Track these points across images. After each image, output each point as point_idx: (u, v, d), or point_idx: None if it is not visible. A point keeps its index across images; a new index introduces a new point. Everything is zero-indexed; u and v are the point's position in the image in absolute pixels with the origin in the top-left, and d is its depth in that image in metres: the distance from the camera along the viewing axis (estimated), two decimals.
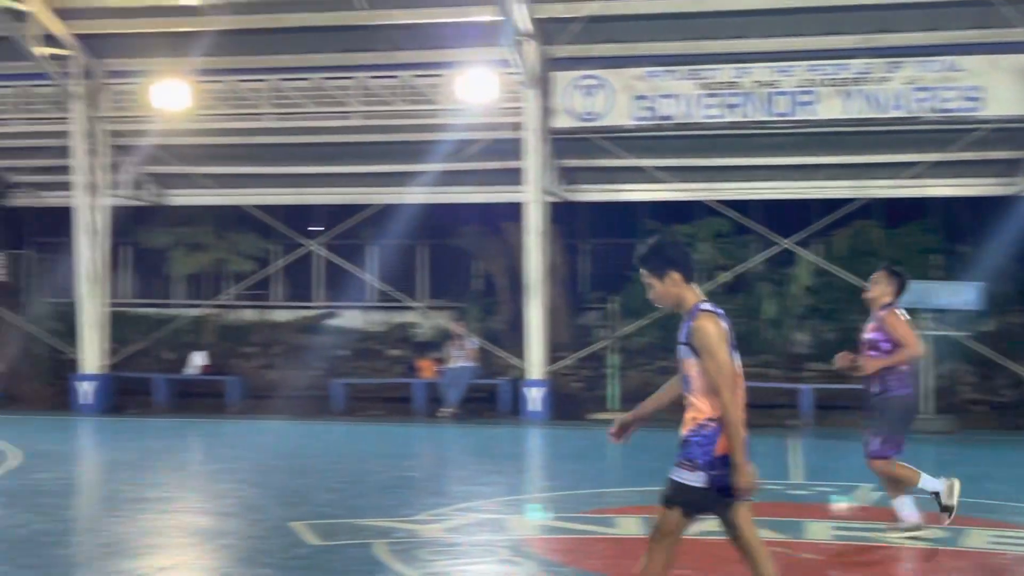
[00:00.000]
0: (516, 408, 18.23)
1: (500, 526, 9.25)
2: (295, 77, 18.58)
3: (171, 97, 18.00)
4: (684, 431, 5.37)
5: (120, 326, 20.29)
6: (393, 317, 22.13)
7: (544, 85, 17.70)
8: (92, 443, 16.02)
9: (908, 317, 8.40)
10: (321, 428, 17.19)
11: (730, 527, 5.45)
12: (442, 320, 20.68)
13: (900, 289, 8.32)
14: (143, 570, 7.77)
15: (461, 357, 18.78)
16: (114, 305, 20.28)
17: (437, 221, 21.24)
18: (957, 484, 8.00)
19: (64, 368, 20.12)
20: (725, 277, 19.10)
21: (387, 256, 21.92)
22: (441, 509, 9.65)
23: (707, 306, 5.39)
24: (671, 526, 5.37)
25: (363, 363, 21.06)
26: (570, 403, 18.64)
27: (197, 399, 19.70)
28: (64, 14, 17.59)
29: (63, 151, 18.88)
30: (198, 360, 20.24)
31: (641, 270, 5.51)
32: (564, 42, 17.54)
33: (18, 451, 13.63)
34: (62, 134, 18.84)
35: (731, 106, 17.23)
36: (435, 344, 20.31)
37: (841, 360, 8.47)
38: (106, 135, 18.98)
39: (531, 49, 17.32)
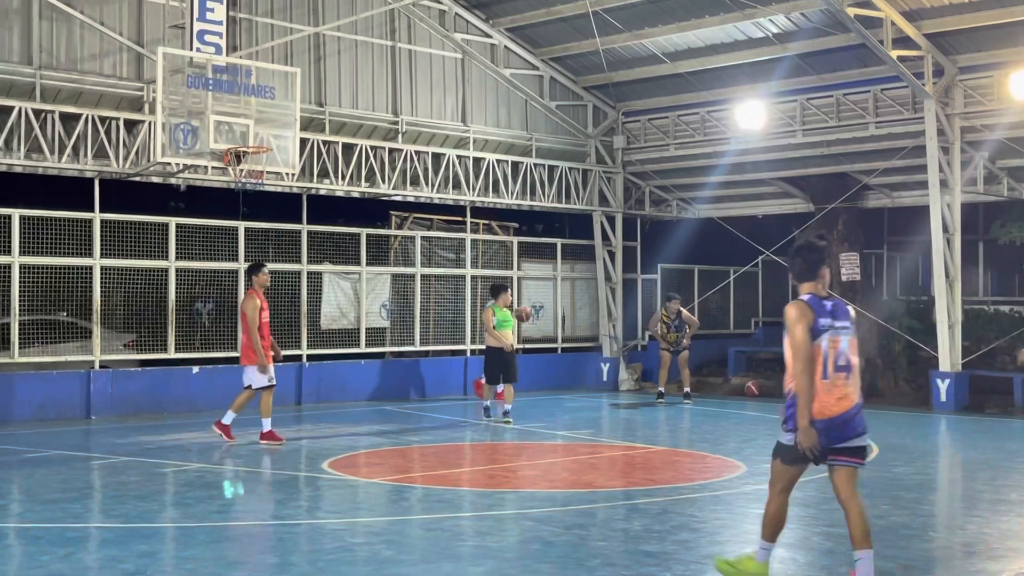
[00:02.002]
0: None
1: None
2: None
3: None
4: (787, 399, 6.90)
5: (975, 324, 19.95)
6: None
7: None
8: (948, 440, 15.96)
9: None
10: None
11: (833, 485, 6.91)
12: None
13: None
14: (1006, 574, 7.57)
15: None
16: (969, 303, 20.00)
17: None
18: None
19: (922, 365, 20.31)
20: None
21: None
22: None
23: (804, 297, 6.96)
24: (777, 475, 6.97)
25: None
26: None
27: None
28: (912, 16, 17.76)
29: (914, 151, 19.07)
30: None
31: None
32: None
33: (875, 444, 14.08)
34: (913, 134, 19.04)
35: None
36: None
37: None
38: (958, 132, 18.79)
39: None
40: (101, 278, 16.96)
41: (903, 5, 17.54)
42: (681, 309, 20.22)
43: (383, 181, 19.71)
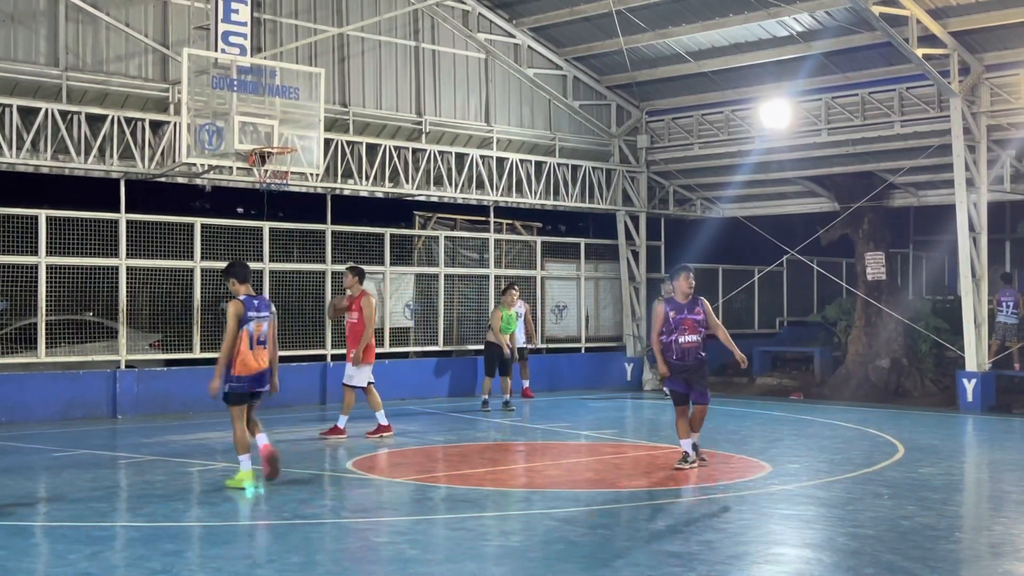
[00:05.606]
0: None
1: None
2: None
3: None
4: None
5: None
6: None
7: None
8: (974, 441, 15.84)
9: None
10: None
11: (246, 412, 10.65)
12: None
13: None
14: None
15: None
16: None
17: None
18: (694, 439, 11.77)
19: (948, 365, 20.16)
20: None
21: None
22: None
23: (241, 297, 10.46)
24: (232, 412, 10.55)
25: None
26: None
27: None
28: (938, 13, 17.64)
29: (940, 150, 18.95)
30: None
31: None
32: None
33: (901, 444, 14.01)
34: (940, 133, 18.93)
35: None
36: None
37: None
38: (984, 130, 18.65)
39: None
40: (127, 278, 17.07)
41: (929, 3, 17.43)
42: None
43: (407, 181, 19.74)
